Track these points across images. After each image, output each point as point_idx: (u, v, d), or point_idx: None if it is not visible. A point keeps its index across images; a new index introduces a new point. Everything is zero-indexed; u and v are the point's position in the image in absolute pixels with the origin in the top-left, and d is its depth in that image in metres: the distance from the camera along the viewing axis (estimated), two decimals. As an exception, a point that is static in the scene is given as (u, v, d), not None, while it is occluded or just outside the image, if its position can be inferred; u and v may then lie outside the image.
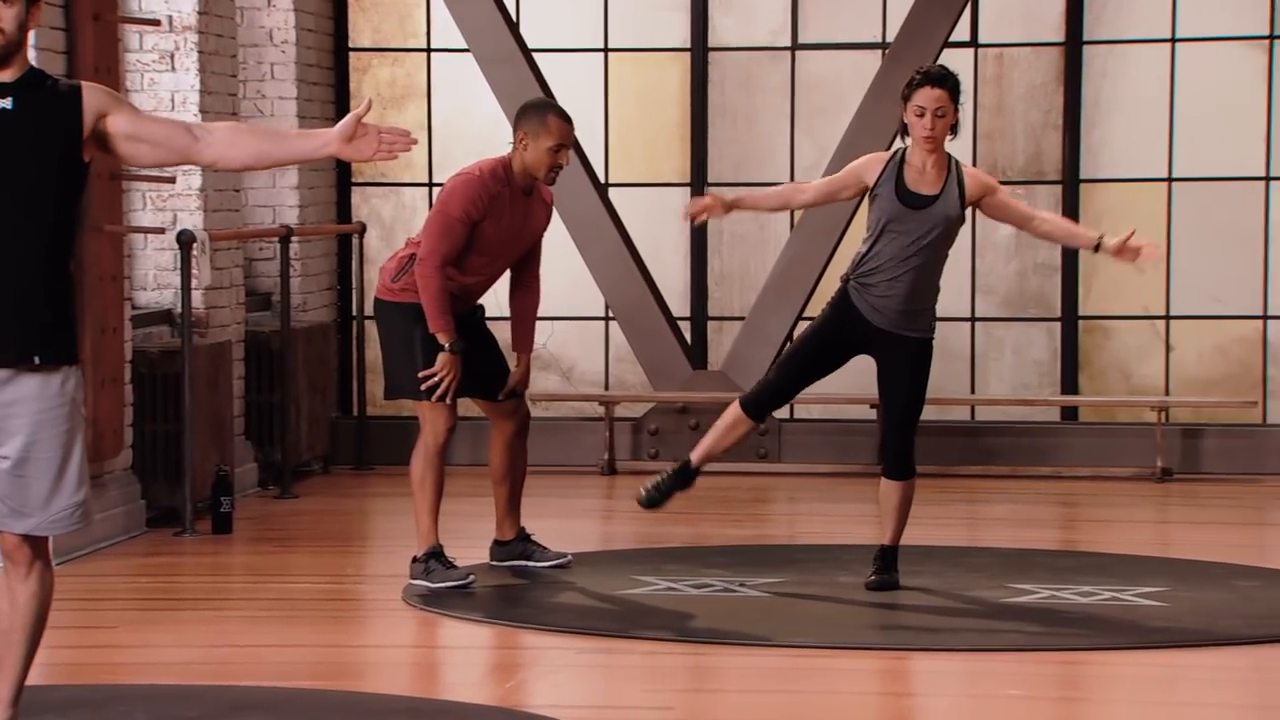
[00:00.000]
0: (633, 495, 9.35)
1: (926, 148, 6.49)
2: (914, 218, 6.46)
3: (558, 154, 6.83)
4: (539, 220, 6.99)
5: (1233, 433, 9.76)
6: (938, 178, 6.51)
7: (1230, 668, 5.73)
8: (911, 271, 6.47)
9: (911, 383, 6.55)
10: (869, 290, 6.52)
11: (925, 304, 6.55)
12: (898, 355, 6.56)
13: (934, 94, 6.46)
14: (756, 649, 5.97)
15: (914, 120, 6.49)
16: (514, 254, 6.97)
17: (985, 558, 7.40)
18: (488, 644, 6.19)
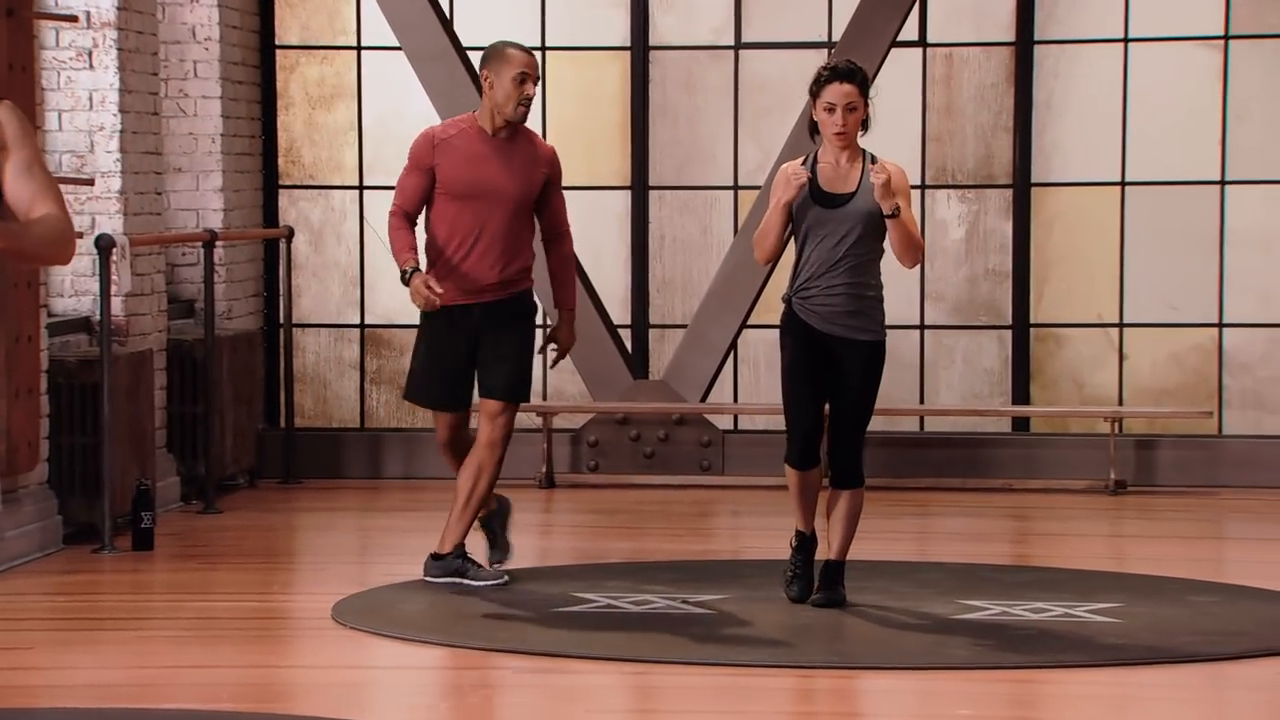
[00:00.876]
0: (574, 509, 9.37)
1: (838, 144, 6.52)
2: (834, 217, 6.50)
3: (523, 85, 6.95)
4: (524, 169, 7.01)
5: (1188, 444, 9.83)
6: (853, 174, 6.54)
7: (1186, 685, 5.77)
8: (845, 272, 6.50)
9: (862, 387, 6.57)
10: (809, 302, 6.56)
11: (869, 301, 6.57)
12: (849, 359, 6.58)
13: (843, 89, 6.48)
14: (700, 668, 5.97)
15: (824, 117, 6.52)
16: (494, 204, 6.96)
17: (935, 573, 7.43)
18: (421, 664, 6.16)
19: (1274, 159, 10.04)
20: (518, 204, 7.02)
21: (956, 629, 6.39)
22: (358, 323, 10.56)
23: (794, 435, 6.65)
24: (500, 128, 7.00)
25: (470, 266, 6.99)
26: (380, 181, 10.54)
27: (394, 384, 10.59)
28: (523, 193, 7.03)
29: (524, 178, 7.03)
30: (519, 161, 7.02)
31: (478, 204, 6.96)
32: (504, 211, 6.99)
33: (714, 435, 10.03)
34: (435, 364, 7.07)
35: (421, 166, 6.99)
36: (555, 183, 7.14)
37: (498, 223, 6.97)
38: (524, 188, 7.03)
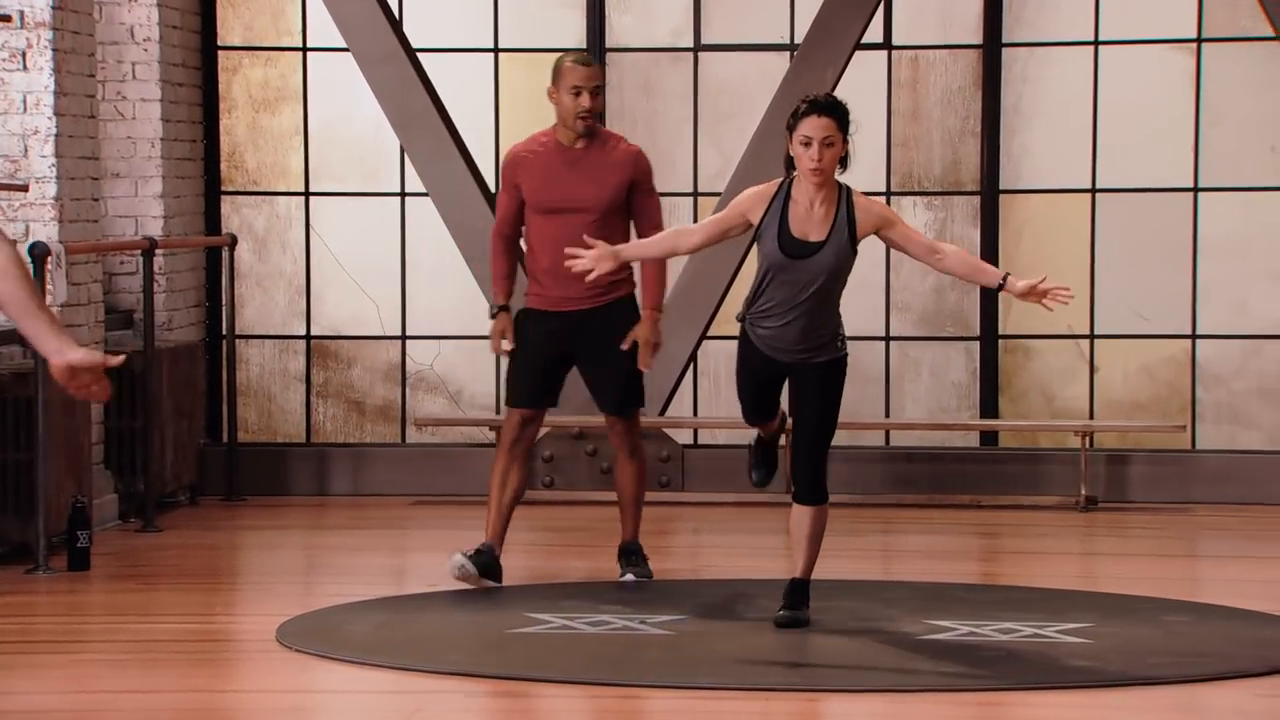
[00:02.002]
0: (528, 526, 9.36)
1: (814, 180, 6.47)
2: (800, 267, 6.48)
3: (578, 98, 7.26)
4: (603, 177, 7.28)
5: (1160, 458, 9.89)
6: (826, 217, 6.48)
7: (1157, 708, 5.81)
8: (803, 316, 6.53)
9: (822, 401, 6.59)
10: (763, 331, 6.59)
11: (823, 336, 6.61)
12: (807, 378, 6.61)
13: (821, 123, 6.45)
14: (658, 690, 5.98)
15: (800, 151, 6.47)
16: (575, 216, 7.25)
17: (901, 592, 7.45)
18: (370, 688, 6.16)
19: (1249, 165, 10.12)
20: (599, 213, 7.26)
21: (923, 650, 6.42)
22: (304, 334, 10.55)
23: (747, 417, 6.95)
24: (576, 138, 7.34)
25: (559, 279, 7.19)
26: (327, 187, 10.54)
27: (342, 397, 10.58)
28: (603, 201, 7.27)
29: (603, 185, 7.26)
30: (597, 170, 7.31)
31: (561, 217, 7.28)
32: (586, 222, 7.20)
33: (673, 450, 10.04)
34: (520, 362, 7.46)
35: (508, 184, 7.41)
36: (641, 184, 7.38)
37: (581, 233, 7.08)
38: (603, 196, 7.27)
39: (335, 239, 10.53)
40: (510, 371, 7.56)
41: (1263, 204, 10.13)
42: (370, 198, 10.53)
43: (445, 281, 10.42)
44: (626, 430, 7.48)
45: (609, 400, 7.46)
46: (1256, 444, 10.13)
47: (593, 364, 7.43)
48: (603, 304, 7.32)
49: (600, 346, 7.36)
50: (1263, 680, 6.03)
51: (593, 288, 7.20)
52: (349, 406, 10.57)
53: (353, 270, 10.52)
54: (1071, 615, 6.91)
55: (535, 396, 7.49)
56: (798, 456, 6.64)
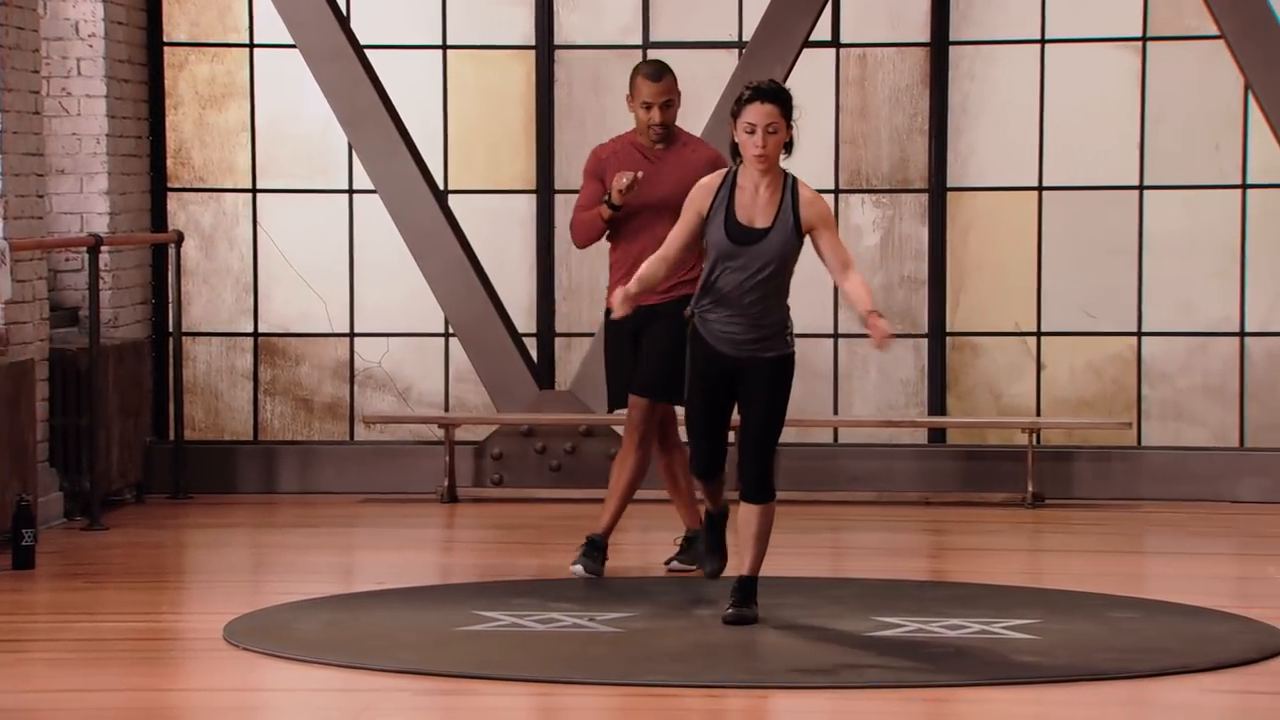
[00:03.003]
0: (477, 524, 9.35)
1: (759, 167, 6.52)
2: (746, 253, 6.51)
3: (648, 112, 7.62)
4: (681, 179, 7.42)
5: (1106, 455, 9.94)
6: (771, 203, 6.53)
7: (1104, 703, 5.83)
8: (752, 305, 6.54)
9: (769, 398, 6.59)
10: (710, 324, 6.60)
11: (772, 328, 6.61)
12: (754, 375, 6.61)
13: (764, 109, 6.49)
14: (607, 688, 5.98)
15: (744, 138, 6.52)
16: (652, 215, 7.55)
17: (850, 589, 7.47)
18: (318, 686, 6.13)
19: (1193, 163, 10.17)
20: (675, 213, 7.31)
21: (872, 646, 6.43)
22: (251, 331, 10.50)
23: (697, 452, 6.79)
24: (654, 142, 7.67)
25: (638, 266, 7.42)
26: (274, 184, 10.49)
27: (289, 394, 10.54)
28: (679, 201, 7.33)
29: (680, 187, 7.31)
30: (676, 171, 7.56)
31: (639, 216, 7.58)
32: (663, 221, 7.34)
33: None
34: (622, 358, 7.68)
35: (594, 176, 7.75)
36: None
37: (659, 232, 7.26)
38: (680, 196, 7.32)
39: (283, 236, 10.48)
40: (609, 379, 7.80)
41: (1207, 202, 10.19)
42: (318, 194, 10.49)
43: (394, 279, 10.39)
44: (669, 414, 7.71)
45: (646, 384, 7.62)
46: (1201, 440, 10.19)
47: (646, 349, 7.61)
48: (666, 300, 7.49)
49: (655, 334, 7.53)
50: (1209, 675, 6.07)
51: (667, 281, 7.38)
52: (297, 404, 10.53)
53: (300, 267, 10.48)
54: (1019, 611, 6.94)
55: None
56: (744, 455, 6.64)
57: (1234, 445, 10.12)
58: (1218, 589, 7.62)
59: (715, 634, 6.61)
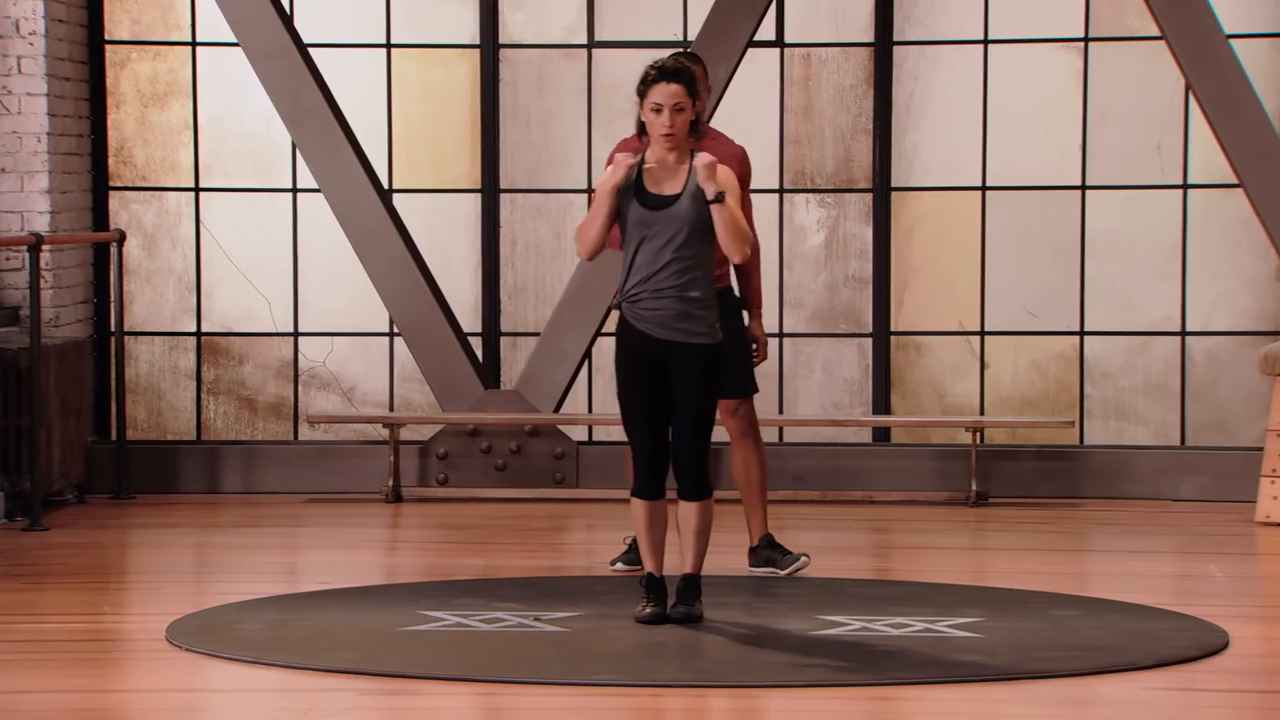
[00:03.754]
0: (422, 524, 9.33)
1: (666, 145, 6.59)
2: (660, 220, 6.55)
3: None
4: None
5: (1049, 454, 9.99)
6: (679, 174, 6.60)
7: (1046, 701, 5.86)
8: (672, 274, 6.55)
9: (700, 392, 6.60)
10: (638, 307, 6.60)
11: (699, 304, 6.59)
12: (684, 366, 6.61)
13: (670, 89, 6.55)
14: (552, 688, 5.98)
15: (651, 118, 6.59)
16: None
17: (794, 588, 7.49)
18: (261, 687, 6.11)
19: (1135, 164, 10.24)
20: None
21: (816, 646, 6.45)
22: (194, 330, 10.46)
23: (638, 460, 6.68)
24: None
25: None
26: (218, 183, 10.45)
27: (233, 394, 10.50)
28: None
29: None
30: None
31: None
32: None
33: (568, 447, 10.04)
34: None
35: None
36: (745, 183, 7.53)
37: None
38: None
39: (226, 235, 10.44)
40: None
41: (1148, 202, 10.26)
42: (261, 193, 10.45)
43: (338, 278, 10.36)
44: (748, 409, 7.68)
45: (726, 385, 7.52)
46: (1143, 439, 10.25)
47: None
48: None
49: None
50: (1150, 673, 6.11)
51: None
52: (240, 403, 10.49)
53: (244, 266, 10.44)
54: (962, 610, 6.97)
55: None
56: (679, 453, 6.64)
57: (1175, 444, 10.19)
58: (1159, 587, 7.67)
59: (660, 634, 6.62)
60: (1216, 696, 5.90)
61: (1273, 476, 9.17)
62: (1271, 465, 9.18)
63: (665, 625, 6.68)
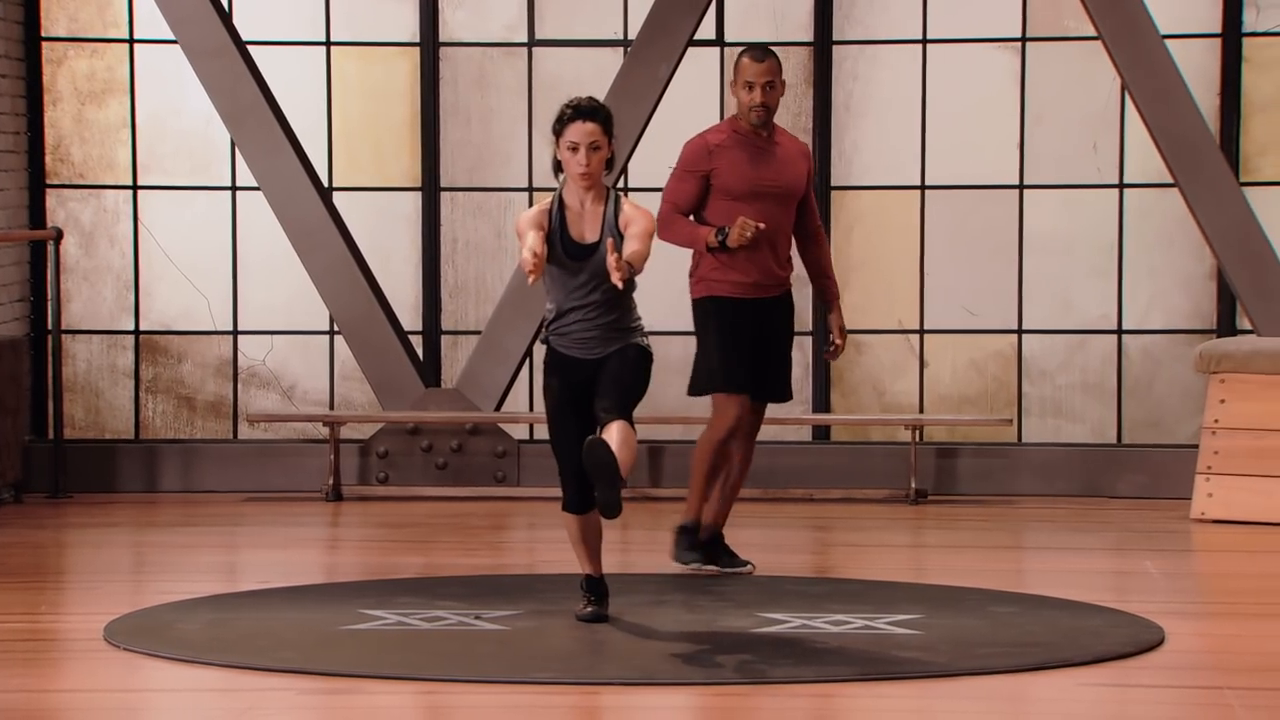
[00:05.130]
0: (362, 522, 9.30)
1: (583, 184, 6.56)
2: (583, 269, 6.55)
3: (750, 92, 7.48)
4: (788, 168, 7.51)
5: (988, 452, 10.04)
6: (596, 216, 6.56)
7: (985, 697, 5.89)
8: (599, 311, 6.57)
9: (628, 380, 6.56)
10: (567, 337, 6.60)
11: (627, 331, 6.63)
12: (612, 358, 6.60)
13: (586, 127, 6.53)
14: (492, 686, 5.97)
15: (567, 156, 6.56)
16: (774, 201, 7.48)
17: (735, 585, 7.50)
18: (199, 686, 6.09)
19: (1072, 163, 10.30)
20: (792, 200, 7.49)
21: (756, 643, 6.47)
22: (132, 329, 10.40)
23: (568, 477, 6.66)
24: (755, 130, 7.54)
25: (756, 263, 7.45)
26: (156, 181, 10.40)
27: (171, 393, 10.45)
28: (795, 188, 7.50)
29: (796, 173, 7.49)
30: (782, 167, 7.55)
31: (759, 203, 7.46)
32: (782, 207, 7.48)
33: (509, 445, 10.03)
34: (734, 350, 7.51)
35: (696, 171, 7.53)
36: (812, 179, 7.69)
37: (778, 219, 7.41)
38: (795, 183, 7.51)
39: (165, 233, 10.39)
40: (725, 360, 7.54)
41: (1085, 201, 10.32)
42: (200, 191, 10.40)
43: (278, 276, 10.32)
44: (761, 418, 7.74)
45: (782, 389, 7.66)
46: (1080, 437, 10.31)
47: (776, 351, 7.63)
48: (781, 295, 7.57)
49: (782, 336, 7.63)
50: (1086, 669, 6.15)
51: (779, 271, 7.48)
52: (179, 402, 10.44)
53: (183, 264, 10.39)
54: (901, 607, 7.00)
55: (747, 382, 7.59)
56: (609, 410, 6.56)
57: (1112, 442, 10.26)
58: (1096, 583, 7.72)
59: (600, 632, 6.62)
60: (1151, 692, 5.94)
61: (1208, 474, 9.24)
62: (1206, 463, 9.26)
63: (605, 624, 6.69)
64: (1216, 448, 9.23)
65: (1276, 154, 10.25)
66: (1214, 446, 9.23)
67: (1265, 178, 10.21)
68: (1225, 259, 9.67)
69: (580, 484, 6.62)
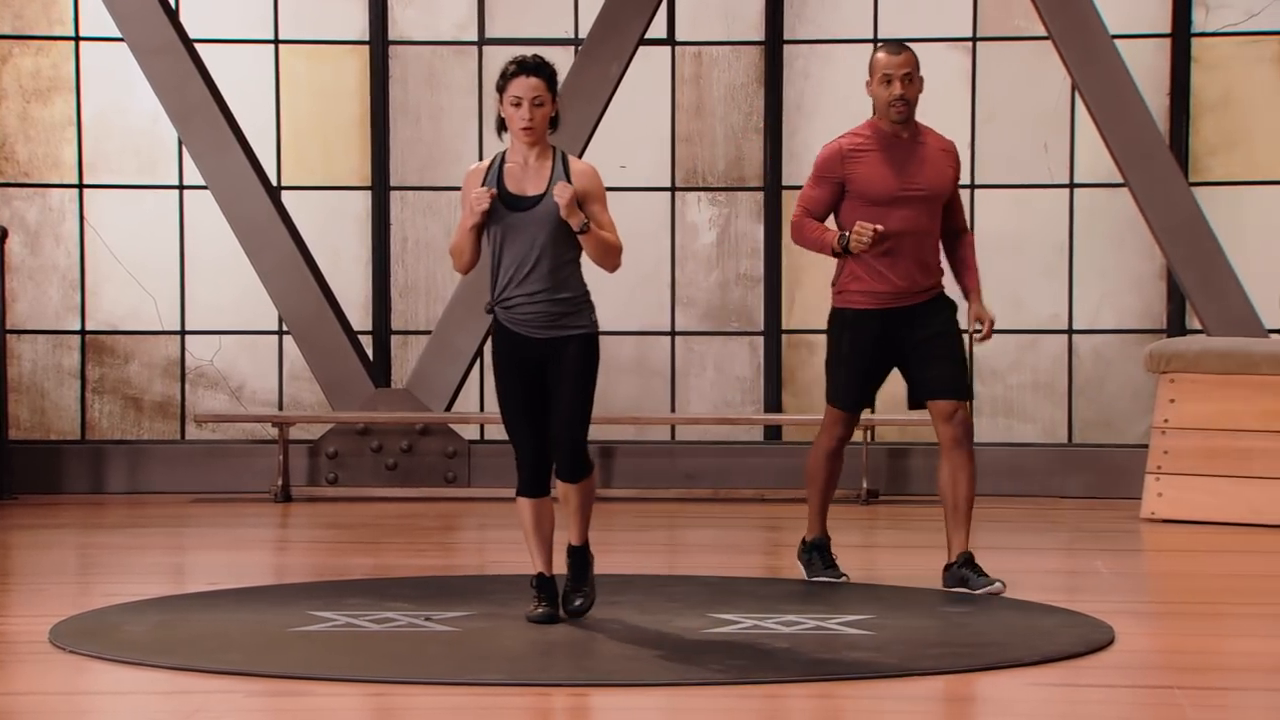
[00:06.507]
0: (312, 523, 9.27)
1: (526, 140, 6.52)
2: (524, 220, 6.50)
3: (889, 86, 7.18)
4: (930, 170, 7.22)
5: (938, 452, 10.04)
6: (541, 172, 6.54)
7: (936, 698, 5.90)
8: (543, 276, 6.51)
9: (577, 378, 6.57)
10: (513, 312, 6.57)
11: (572, 303, 6.57)
12: (565, 356, 6.59)
13: (530, 82, 6.51)
14: (442, 688, 5.95)
15: (511, 112, 6.53)
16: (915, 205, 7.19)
17: (686, 586, 7.50)
18: (147, 689, 6.05)
19: (1023, 162, 10.33)
20: (937, 202, 7.23)
21: (708, 643, 6.46)
22: (78, 329, 10.33)
23: (521, 460, 6.66)
24: (899, 129, 7.21)
25: (898, 271, 7.19)
26: (103, 180, 10.33)
27: (118, 393, 10.39)
28: (940, 190, 7.23)
29: (939, 175, 7.22)
30: (933, 159, 7.24)
31: (901, 207, 7.17)
32: (926, 211, 7.20)
33: (459, 446, 10.00)
34: (854, 368, 7.30)
35: (830, 177, 7.22)
36: (958, 178, 7.39)
37: (922, 223, 7.16)
38: (940, 185, 7.23)
39: (111, 232, 10.33)
40: (839, 374, 7.35)
41: (1036, 201, 10.35)
42: (148, 190, 10.35)
43: (225, 276, 10.28)
44: (967, 415, 7.40)
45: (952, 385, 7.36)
46: (1031, 437, 10.35)
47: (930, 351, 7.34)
48: (929, 299, 7.30)
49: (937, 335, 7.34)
50: (1037, 669, 6.16)
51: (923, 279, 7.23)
52: (126, 403, 10.38)
53: (130, 264, 10.33)
54: (853, 607, 7.00)
55: (862, 401, 7.45)
56: (559, 440, 6.61)
57: (1062, 441, 10.29)
58: (1047, 583, 7.74)
59: (551, 633, 6.61)
60: (1102, 692, 5.96)
61: (1158, 473, 9.28)
62: (1157, 462, 9.29)
63: (557, 625, 6.68)
64: (1166, 447, 9.26)
65: (1226, 154, 10.30)
66: (1164, 446, 9.27)
67: (1215, 178, 10.26)
68: (1175, 259, 9.71)
69: (534, 465, 6.61)
